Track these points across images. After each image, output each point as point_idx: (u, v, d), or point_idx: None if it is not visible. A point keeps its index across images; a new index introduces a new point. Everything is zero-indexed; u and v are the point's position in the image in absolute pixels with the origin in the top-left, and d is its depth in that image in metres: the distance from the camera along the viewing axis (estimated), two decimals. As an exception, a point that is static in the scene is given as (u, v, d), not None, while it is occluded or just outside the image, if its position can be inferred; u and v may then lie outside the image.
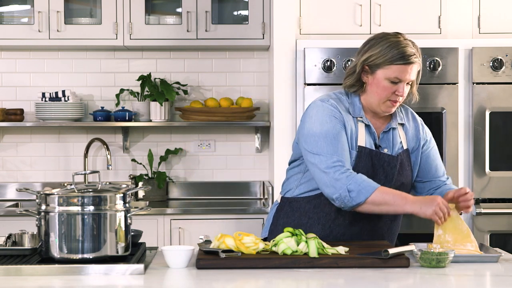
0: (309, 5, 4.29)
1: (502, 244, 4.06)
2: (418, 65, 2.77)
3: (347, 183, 2.64)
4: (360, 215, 2.76)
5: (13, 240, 2.64)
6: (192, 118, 4.74)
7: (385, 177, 2.77)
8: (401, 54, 2.71)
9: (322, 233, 2.79)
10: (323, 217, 2.80)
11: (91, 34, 4.61)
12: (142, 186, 4.22)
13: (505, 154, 4.18)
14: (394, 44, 2.73)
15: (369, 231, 2.83)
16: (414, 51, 2.74)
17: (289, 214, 2.87)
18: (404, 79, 2.73)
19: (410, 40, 2.77)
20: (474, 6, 4.32)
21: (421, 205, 2.63)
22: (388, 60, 2.71)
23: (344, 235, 2.81)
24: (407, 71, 2.72)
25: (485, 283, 2.30)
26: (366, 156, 2.75)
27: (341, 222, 2.80)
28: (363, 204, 2.65)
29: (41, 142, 4.93)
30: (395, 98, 2.75)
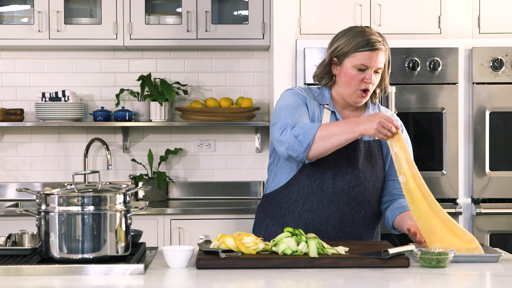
0: (309, 5, 4.29)
1: (502, 244, 4.06)
2: (385, 54, 2.79)
3: (292, 132, 2.68)
4: (327, 200, 2.78)
5: (13, 240, 2.64)
6: (192, 118, 4.74)
7: (348, 159, 2.80)
8: (366, 41, 2.76)
9: (292, 220, 2.84)
10: (292, 204, 2.84)
11: (91, 34, 4.61)
12: (142, 186, 4.20)
13: (505, 154, 4.18)
14: (359, 33, 2.79)
15: (339, 218, 2.82)
16: (380, 40, 2.78)
17: (266, 208, 2.93)
18: (371, 66, 2.76)
19: (378, 32, 2.82)
20: (474, 6, 4.32)
21: (364, 125, 2.61)
22: (353, 47, 2.77)
23: (313, 220, 2.82)
24: (373, 58, 2.76)
25: (485, 283, 2.30)
26: None
27: (308, 208, 2.82)
28: (313, 144, 2.65)
29: (41, 142, 4.93)
30: (364, 86, 2.78)
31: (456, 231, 2.59)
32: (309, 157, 2.69)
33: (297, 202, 2.84)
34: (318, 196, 2.80)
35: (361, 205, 2.84)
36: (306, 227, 2.82)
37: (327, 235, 2.83)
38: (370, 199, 2.85)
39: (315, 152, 2.68)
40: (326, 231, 2.82)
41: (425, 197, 2.63)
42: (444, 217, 2.60)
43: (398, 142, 2.63)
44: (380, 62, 2.78)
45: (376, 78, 2.80)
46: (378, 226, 2.97)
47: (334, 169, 2.80)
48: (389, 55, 2.83)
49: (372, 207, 2.88)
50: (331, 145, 2.66)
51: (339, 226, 2.83)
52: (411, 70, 4.15)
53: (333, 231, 2.83)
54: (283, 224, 2.85)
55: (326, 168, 2.80)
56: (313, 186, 2.81)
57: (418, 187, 2.64)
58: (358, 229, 2.86)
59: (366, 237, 2.90)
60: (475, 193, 4.17)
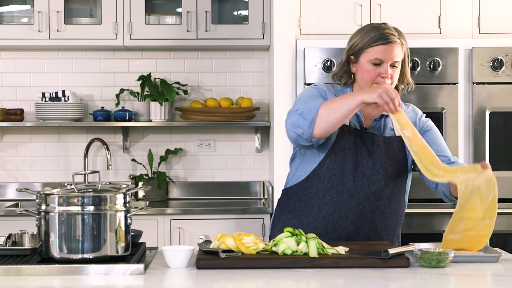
0: (309, 5, 4.29)
1: (502, 244, 4.06)
2: (401, 48, 2.79)
3: (297, 111, 2.68)
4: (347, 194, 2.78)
5: (13, 240, 2.64)
6: (192, 118, 4.74)
7: (368, 155, 2.79)
8: (379, 35, 2.76)
9: (311, 213, 2.82)
10: (312, 197, 2.83)
11: (91, 34, 4.61)
12: (142, 186, 4.21)
13: (505, 154, 4.18)
14: (373, 29, 2.80)
15: (359, 213, 2.81)
16: (395, 34, 2.78)
17: (285, 202, 2.91)
18: (386, 60, 2.76)
19: (394, 27, 2.82)
20: (474, 6, 4.32)
21: (366, 93, 2.61)
22: (367, 42, 2.78)
23: (333, 214, 2.80)
24: (387, 51, 2.76)
25: (485, 283, 2.30)
26: (349, 134, 2.78)
27: (328, 201, 2.81)
28: (317, 119, 2.62)
29: (41, 142, 4.93)
30: (380, 81, 2.78)
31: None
32: (315, 133, 2.64)
33: (317, 196, 2.82)
34: (338, 190, 2.79)
35: (381, 200, 2.82)
36: (325, 221, 2.81)
37: (346, 229, 2.80)
38: (390, 195, 2.83)
39: (320, 127, 2.64)
40: (345, 226, 2.80)
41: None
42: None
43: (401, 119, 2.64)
44: (396, 55, 2.77)
45: (394, 72, 2.79)
46: (399, 228, 2.94)
47: (355, 163, 2.79)
48: (407, 50, 2.82)
49: (393, 204, 2.86)
50: (334, 116, 2.63)
51: (358, 221, 2.81)
52: (411, 70, 4.14)
53: (352, 226, 2.81)
54: (301, 218, 2.84)
55: (346, 162, 2.78)
56: (333, 180, 2.79)
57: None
58: (378, 226, 2.83)
59: (386, 238, 2.86)
60: (475, 193, 4.17)
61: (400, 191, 2.88)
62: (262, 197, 4.92)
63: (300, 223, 2.83)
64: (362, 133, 2.81)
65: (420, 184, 4.13)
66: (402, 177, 2.87)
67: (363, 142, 2.79)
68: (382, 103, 2.60)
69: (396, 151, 2.84)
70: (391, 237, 2.89)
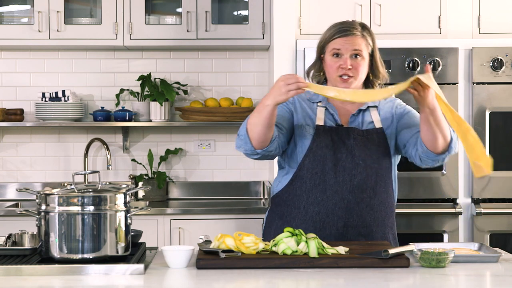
0: (309, 5, 4.29)
1: (502, 244, 4.06)
2: (364, 40, 2.85)
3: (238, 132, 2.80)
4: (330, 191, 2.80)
5: (13, 240, 2.64)
6: (192, 118, 4.74)
7: (346, 149, 2.82)
8: (338, 29, 2.86)
9: (298, 215, 2.85)
10: (297, 200, 2.86)
11: (91, 34, 4.61)
12: (142, 186, 4.21)
13: (505, 154, 4.18)
14: (335, 25, 2.90)
15: (345, 208, 2.82)
16: (356, 27, 2.85)
17: (273, 209, 2.95)
18: (344, 50, 2.82)
19: (361, 23, 2.90)
20: (474, 6, 4.32)
21: (273, 95, 2.63)
22: (328, 37, 2.87)
23: (319, 213, 2.82)
24: (346, 42, 2.82)
25: (485, 283, 2.30)
26: (324, 133, 2.83)
27: (313, 201, 2.83)
28: (249, 134, 2.71)
29: (41, 142, 4.93)
30: (341, 72, 2.82)
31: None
32: (255, 146, 2.74)
33: (301, 197, 2.85)
34: (321, 188, 2.81)
35: (366, 192, 2.83)
36: (312, 221, 2.82)
37: (335, 226, 2.81)
38: (374, 186, 2.84)
39: (255, 139, 2.72)
40: (333, 222, 2.81)
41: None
42: None
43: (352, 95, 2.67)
44: (355, 45, 2.82)
45: (357, 64, 2.82)
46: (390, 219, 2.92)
47: (334, 160, 2.82)
48: (372, 42, 2.88)
49: (379, 195, 2.86)
50: (259, 127, 2.69)
51: (346, 216, 2.82)
52: (411, 70, 4.15)
53: (340, 221, 2.82)
54: (290, 222, 2.85)
55: (325, 160, 2.82)
56: (315, 179, 2.82)
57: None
58: (367, 218, 2.83)
59: (377, 231, 2.86)
60: (475, 193, 4.17)
61: (385, 182, 2.88)
62: (262, 197, 4.92)
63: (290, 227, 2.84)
64: (338, 129, 2.84)
65: (420, 184, 4.15)
66: (385, 168, 2.88)
67: (340, 138, 2.83)
68: (294, 94, 2.60)
69: (376, 143, 2.86)
70: (382, 228, 2.89)
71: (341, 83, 2.83)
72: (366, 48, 2.85)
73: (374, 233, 2.86)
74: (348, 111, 2.90)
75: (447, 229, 4.15)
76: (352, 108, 2.90)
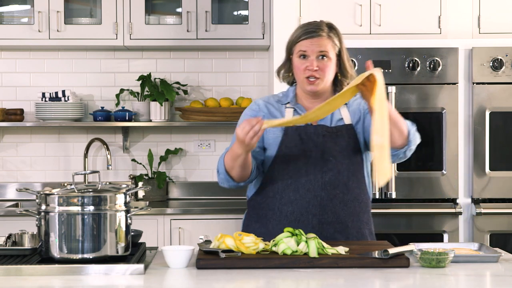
0: (309, 5, 4.29)
1: (502, 244, 4.06)
2: (330, 40, 2.85)
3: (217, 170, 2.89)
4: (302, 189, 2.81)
5: (13, 240, 2.64)
6: (192, 118, 4.74)
7: (316, 147, 2.83)
8: (304, 30, 2.86)
9: (273, 217, 2.86)
10: (270, 201, 2.87)
11: (91, 34, 4.61)
12: (142, 186, 4.22)
13: (505, 154, 4.18)
14: (302, 25, 2.90)
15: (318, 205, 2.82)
16: (323, 28, 2.85)
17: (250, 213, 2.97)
18: (310, 51, 2.83)
19: (328, 23, 2.90)
20: (474, 6, 4.32)
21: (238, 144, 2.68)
22: (295, 39, 2.88)
23: (294, 212, 2.83)
24: (311, 44, 2.82)
25: (485, 283, 2.30)
26: (293, 133, 2.84)
27: (286, 201, 2.84)
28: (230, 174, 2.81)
29: (41, 142, 4.93)
30: (308, 73, 2.83)
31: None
32: (237, 180, 2.84)
33: (274, 199, 2.86)
34: (293, 188, 2.83)
35: (338, 188, 2.84)
36: (287, 220, 2.83)
37: (310, 224, 2.82)
38: (347, 181, 2.85)
39: (233, 175, 2.82)
40: (308, 221, 2.82)
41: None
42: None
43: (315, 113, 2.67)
44: (321, 46, 2.82)
45: (324, 65, 2.83)
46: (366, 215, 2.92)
47: (304, 158, 2.83)
48: (339, 42, 2.87)
49: (352, 191, 2.87)
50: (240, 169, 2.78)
51: (320, 213, 2.82)
52: (411, 70, 4.15)
53: (314, 219, 2.82)
54: (266, 224, 2.87)
55: (296, 159, 2.82)
56: (286, 179, 2.84)
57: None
58: (341, 215, 2.83)
59: (352, 226, 2.86)
60: (475, 193, 4.17)
61: (357, 177, 2.88)
62: (262, 197, 4.91)
63: (266, 230, 2.86)
64: (306, 128, 2.85)
65: (420, 184, 4.15)
66: (357, 164, 2.88)
67: (309, 137, 2.84)
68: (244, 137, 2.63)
69: (346, 139, 2.87)
70: (358, 224, 2.89)
71: (308, 84, 2.85)
72: (332, 48, 2.85)
73: (349, 228, 2.86)
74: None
75: (447, 229, 4.15)
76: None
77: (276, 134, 2.86)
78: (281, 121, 2.70)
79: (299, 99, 2.92)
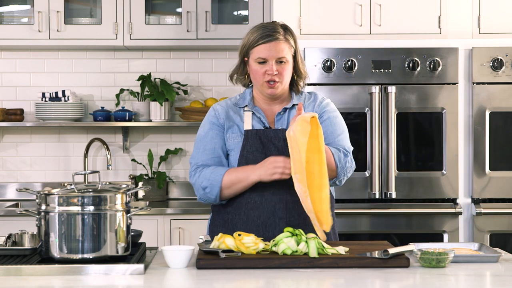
0: (309, 5, 4.29)
1: (502, 244, 4.06)
2: (287, 43, 2.84)
3: (199, 182, 2.84)
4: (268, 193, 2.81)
5: (13, 240, 2.64)
6: (192, 118, 4.74)
7: (277, 150, 2.83)
8: (261, 34, 2.84)
9: (240, 221, 2.85)
10: (236, 206, 2.86)
11: (91, 34, 4.61)
12: (142, 186, 4.22)
13: (505, 154, 4.18)
14: (258, 28, 2.88)
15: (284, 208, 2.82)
16: (279, 30, 2.84)
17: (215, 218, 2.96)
18: (269, 57, 2.82)
19: (282, 24, 2.89)
20: (474, 6, 4.32)
21: (259, 171, 2.73)
22: (252, 43, 2.86)
23: (260, 216, 2.82)
24: (270, 49, 2.82)
25: (485, 283, 2.30)
26: (253, 137, 2.85)
27: (252, 205, 2.83)
28: (221, 192, 2.81)
29: (41, 142, 4.93)
30: (268, 78, 2.84)
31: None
32: (222, 200, 2.85)
33: (240, 203, 2.85)
34: (259, 192, 2.82)
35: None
36: (254, 225, 2.82)
37: (277, 227, 2.81)
38: None
39: (225, 197, 2.83)
40: (275, 224, 2.81)
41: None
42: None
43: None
44: (280, 51, 2.82)
45: (282, 69, 2.83)
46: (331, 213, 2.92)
47: None
48: (294, 44, 2.87)
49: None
50: (235, 191, 2.81)
51: (286, 215, 2.82)
52: (411, 70, 4.15)
53: (281, 222, 2.82)
54: (233, 229, 2.84)
55: (257, 163, 2.80)
56: None
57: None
58: (307, 216, 2.79)
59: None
60: (475, 193, 4.17)
61: None
62: (262, 197, 4.91)
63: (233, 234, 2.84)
64: (266, 131, 2.85)
65: (420, 184, 4.15)
66: None
67: (270, 140, 2.83)
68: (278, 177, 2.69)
69: None
70: None
71: (268, 88, 2.85)
72: (289, 51, 2.85)
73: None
74: (274, 111, 2.92)
75: (447, 229, 4.15)
76: (278, 108, 2.91)
77: (237, 140, 2.87)
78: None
79: (257, 101, 2.93)
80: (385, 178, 4.12)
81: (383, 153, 4.12)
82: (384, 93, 4.13)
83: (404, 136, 4.16)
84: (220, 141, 2.89)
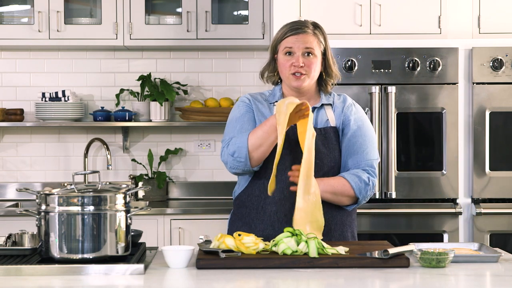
0: (309, 5, 4.29)
1: (502, 244, 4.06)
2: (315, 38, 2.86)
3: (228, 151, 2.81)
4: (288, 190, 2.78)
5: (13, 240, 2.64)
6: (192, 118, 4.74)
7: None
8: (290, 27, 2.87)
9: (257, 216, 2.85)
10: (255, 200, 2.86)
11: (91, 34, 4.61)
12: (142, 186, 4.22)
13: (505, 154, 4.18)
14: (287, 24, 2.91)
15: None
16: (308, 25, 2.87)
17: (235, 212, 2.97)
18: (296, 48, 2.84)
19: (313, 22, 2.91)
20: (474, 6, 4.32)
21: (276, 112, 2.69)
22: (280, 37, 2.88)
23: (277, 212, 2.82)
24: (298, 40, 2.83)
25: (485, 283, 2.30)
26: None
27: (270, 201, 2.82)
28: (250, 154, 2.76)
29: (41, 142, 4.93)
30: (294, 70, 2.84)
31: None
32: (253, 165, 2.80)
33: (260, 198, 2.85)
34: (279, 188, 2.80)
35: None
36: (270, 220, 2.82)
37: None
38: None
39: (255, 160, 2.78)
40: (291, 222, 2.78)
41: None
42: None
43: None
44: (307, 42, 2.83)
45: (309, 61, 2.84)
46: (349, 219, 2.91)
47: (292, 159, 2.81)
48: (324, 41, 2.89)
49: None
50: (265, 150, 2.76)
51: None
52: (411, 70, 4.15)
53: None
54: (250, 223, 2.86)
55: (284, 160, 2.80)
56: None
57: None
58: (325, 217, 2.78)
59: (335, 229, 2.85)
60: (475, 193, 4.17)
61: None
62: (262, 197, 4.91)
63: (249, 229, 2.85)
64: (294, 128, 2.83)
65: (420, 184, 4.15)
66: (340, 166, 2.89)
67: (297, 137, 2.81)
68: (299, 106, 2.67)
69: (333, 141, 2.87)
70: (341, 227, 2.88)
71: (294, 80, 2.85)
72: (318, 46, 2.86)
73: (332, 231, 2.84)
74: None
75: (447, 229, 4.15)
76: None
77: None
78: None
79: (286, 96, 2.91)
80: (385, 178, 4.12)
81: (383, 153, 4.12)
82: (384, 93, 4.13)
83: (404, 136, 4.16)
84: (254, 125, 2.88)
